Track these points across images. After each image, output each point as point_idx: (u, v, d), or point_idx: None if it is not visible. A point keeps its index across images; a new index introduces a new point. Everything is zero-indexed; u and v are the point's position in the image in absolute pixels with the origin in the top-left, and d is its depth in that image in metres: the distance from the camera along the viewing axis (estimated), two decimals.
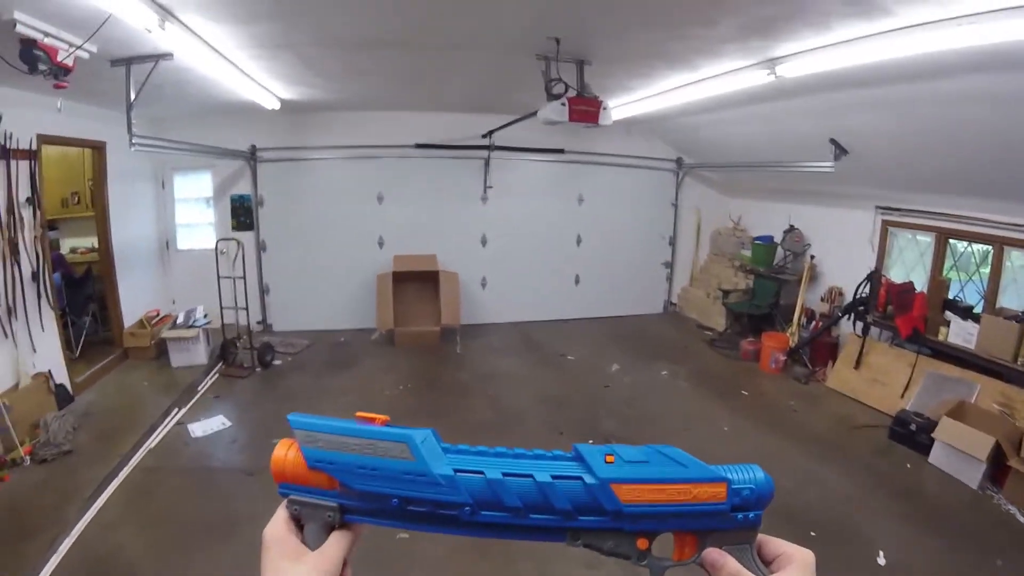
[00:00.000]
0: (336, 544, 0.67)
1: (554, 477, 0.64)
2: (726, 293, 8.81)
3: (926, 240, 6.57)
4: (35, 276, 5.28)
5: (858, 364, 6.57)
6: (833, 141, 5.92)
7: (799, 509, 4.40)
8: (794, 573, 0.62)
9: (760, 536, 0.65)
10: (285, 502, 0.69)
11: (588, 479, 0.63)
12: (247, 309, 7.21)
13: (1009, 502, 4.47)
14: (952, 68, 3.82)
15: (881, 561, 3.82)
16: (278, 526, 0.68)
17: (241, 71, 5.07)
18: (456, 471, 0.64)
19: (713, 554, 0.64)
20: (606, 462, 0.63)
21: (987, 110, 4.25)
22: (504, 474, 0.64)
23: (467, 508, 0.63)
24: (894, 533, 4.11)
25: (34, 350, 5.24)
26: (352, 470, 0.65)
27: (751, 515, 0.63)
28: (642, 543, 0.64)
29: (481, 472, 0.64)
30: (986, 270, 5.94)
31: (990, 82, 3.89)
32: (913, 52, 3.45)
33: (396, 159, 8.54)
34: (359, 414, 0.68)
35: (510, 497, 0.63)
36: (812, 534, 4.11)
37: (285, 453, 0.67)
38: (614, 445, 0.65)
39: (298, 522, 0.69)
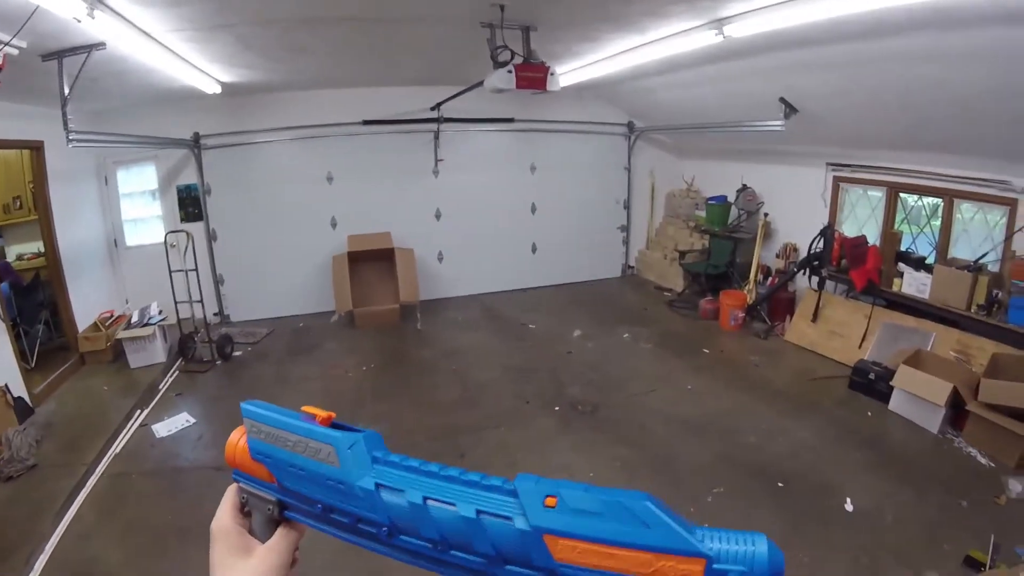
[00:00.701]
0: (284, 538, 0.65)
1: (479, 512, 0.52)
2: (683, 254, 8.91)
3: (877, 195, 6.70)
4: None
5: (815, 317, 6.73)
6: (783, 100, 5.98)
7: (766, 462, 4.54)
8: None
9: None
10: (230, 490, 0.68)
11: (519, 523, 0.50)
12: (202, 302, 7.05)
13: (969, 444, 4.64)
14: (899, 26, 3.87)
15: (849, 508, 3.95)
16: (224, 518, 0.66)
17: (177, 55, 4.88)
18: (378, 485, 0.56)
19: None
20: (544, 505, 0.50)
21: (934, 67, 4.32)
22: (425, 498, 0.54)
23: (384, 528, 0.56)
24: (860, 480, 4.25)
25: None
26: (284, 467, 0.61)
27: None
28: None
29: (402, 491, 0.55)
30: (937, 222, 6.08)
31: (936, 39, 3.94)
32: (861, 9, 3.48)
33: (344, 137, 8.37)
34: (305, 408, 0.63)
35: (428, 526, 0.54)
36: (780, 485, 4.24)
37: (238, 439, 0.65)
38: (563, 485, 0.51)
39: (245, 509, 0.67)
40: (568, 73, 6.63)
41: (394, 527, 0.55)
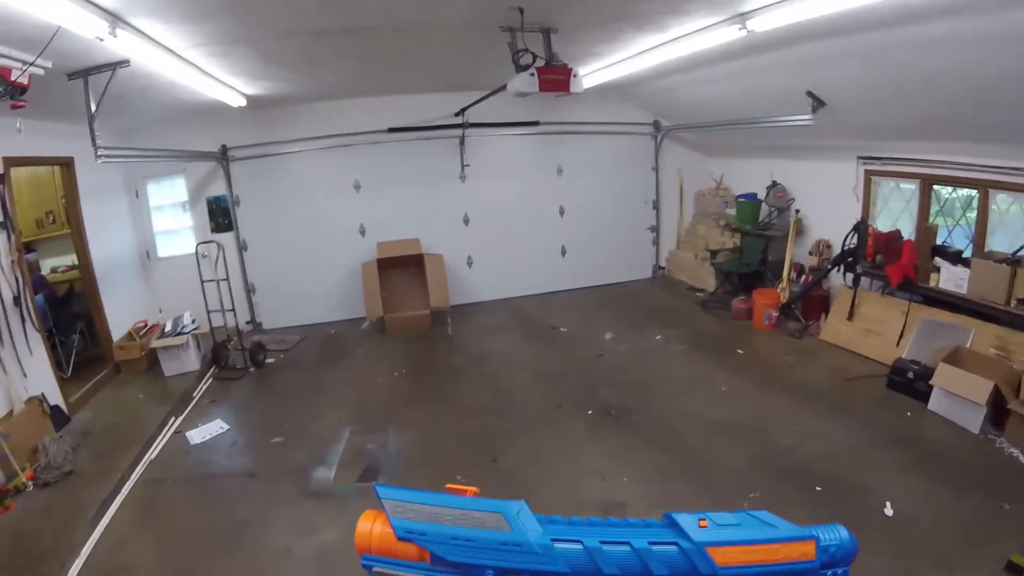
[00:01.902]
0: None
1: (651, 543, 0.67)
2: (714, 253, 8.79)
3: (910, 188, 6.52)
4: (16, 300, 5.17)
5: (851, 315, 6.57)
6: (810, 94, 5.86)
7: (802, 464, 4.43)
8: None
9: None
10: None
11: (684, 544, 0.66)
12: (234, 310, 7.16)
13: (1011, 445, 4.46)
14: (926, 12, 3.76)
15: (888, 512, 3.83)
16: None
17: (200, 70, 4.96)
18: (553, 540, 0.62)
19: None
20: (700, 527, 0.67)
21: (963, 53, 4.18)
22: (602, 542, 0.67)
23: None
24: (899, 483, 4.11)
25: (24, 375, 5.16)
26: (446, 541, 0.65)
27: (840, 571, 0.67)
28: None
29: (579, 541, 0.67)
30: (972, 215, 5.89)
31: (965, 25, 3.81)
32: None
33: (370, 145, 8.45)
34: (448, 486, 0.68)
35: (608, 564, 0.66)
36: (817, 488, 4.12)
37: (371, 525, 0.66)
38: (707, 512, 0.68)
39: None
40: (591, 74, 6.59)
41: (574, 573, 0.66)
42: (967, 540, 3.51)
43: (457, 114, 8.26)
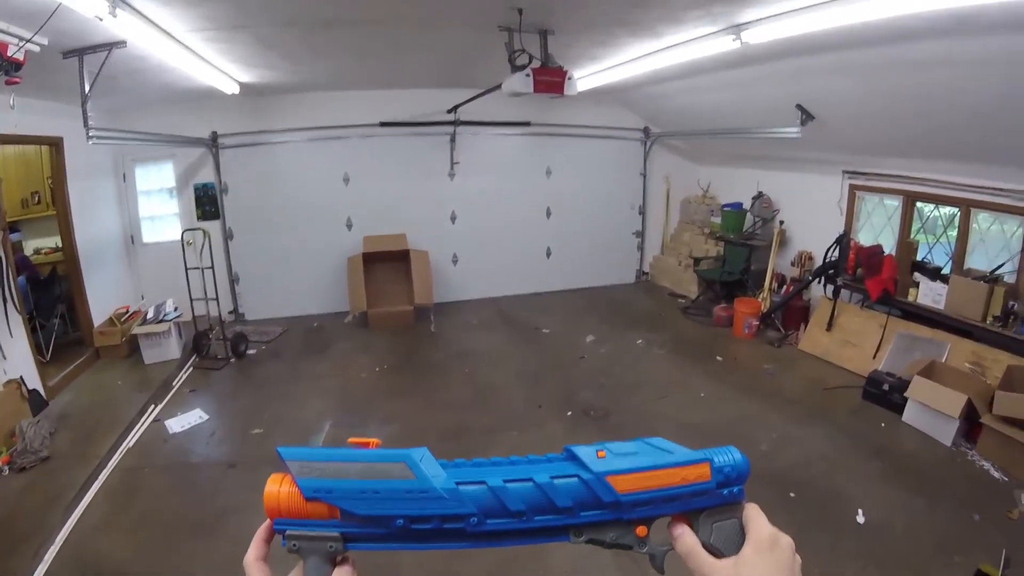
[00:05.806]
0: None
1: (553, 478, 0.66)
2: (697, 261, 8.87)
3: (893, 203, 6.64)
4: None
5: (830, 327, 6.67)
6: (800, 107, 5.94)
7: (778, 470, 4.49)
8: (746, 549, 0.65)
9: (751, 513, 0.68)
10: (259, 534, 0.70)
11: (585, 475, 0.66)
12: (217, 299, 7.11)
13: (983, 458, 4.56)
14: (918, 32, 3.84)
15: (860, 519, 3.90)
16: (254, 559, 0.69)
17: (197, 55, 4.92)
18: (458, 484, 0.65)
19: (676, 528, 0.68)
20: (598, 458, 0.66)
21: (953, 74, 4.27)
22: (505, 481, 0.66)
23: (473, 518, 0.65)
24: (872, 491, 4.19)
25: (3, 357, 5.10)
26: (353, 495, 0.65)
27: (735, 490, 0.68)
28: (641, 531, 0.68)
29: (483, 482, 0.65)
30: (953, 232, 6.00)
31: (956, 47, 3.91)
32: (880, 16, 3.45)
33: (361, 139, 8.42)
34: (351, 440, 0.69)
35: (514, 502, 0.65)
36: (791, 495, 4.19)
37: (278, 487, 0.67)
38: (604, 442, 0.68)
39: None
40: (585, 77, 6.63)
41: (482, 513, 0.65)
42: (938, 549, 3.60)
43: (450, 111, 8.24)
